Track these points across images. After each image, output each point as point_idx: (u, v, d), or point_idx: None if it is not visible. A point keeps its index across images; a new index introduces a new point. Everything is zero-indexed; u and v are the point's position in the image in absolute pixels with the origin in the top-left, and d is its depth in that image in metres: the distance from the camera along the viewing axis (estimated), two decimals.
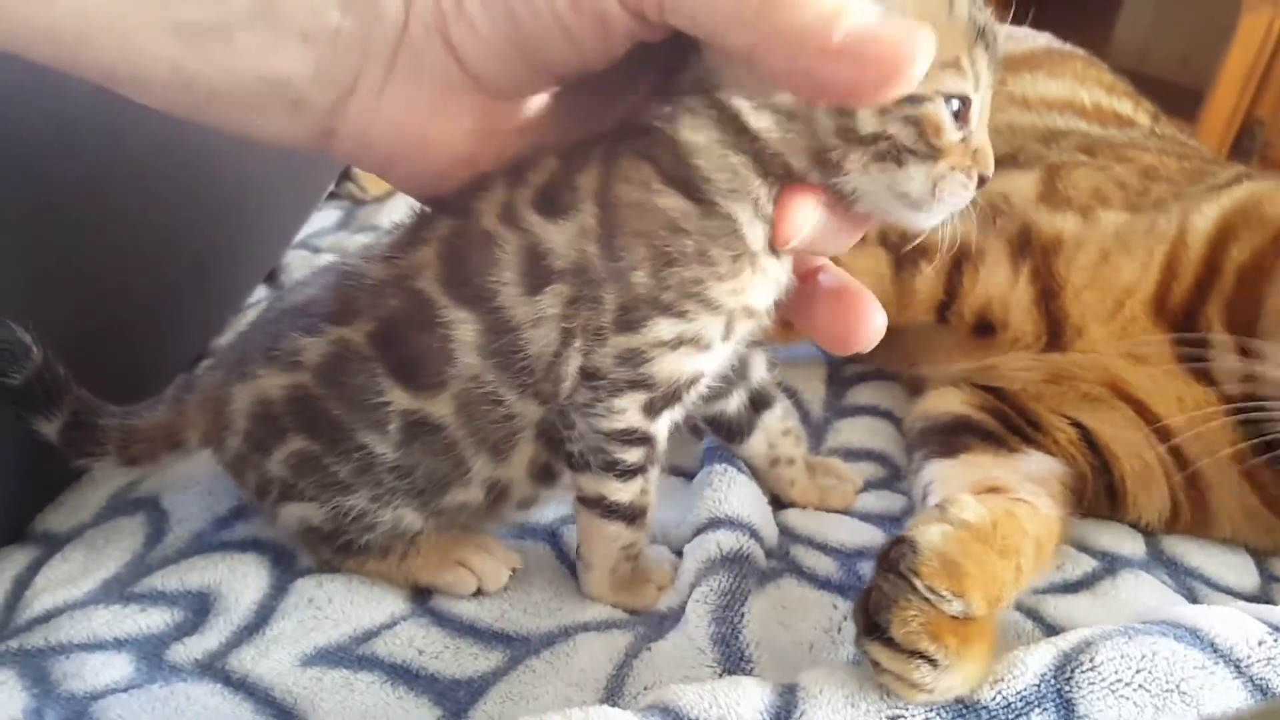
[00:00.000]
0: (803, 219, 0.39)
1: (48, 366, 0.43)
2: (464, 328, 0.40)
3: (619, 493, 0.42)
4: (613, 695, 0.41)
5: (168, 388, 0.56)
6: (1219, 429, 0.53)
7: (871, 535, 0.52)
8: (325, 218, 0.89)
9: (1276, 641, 0.39)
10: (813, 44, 0.33)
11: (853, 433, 0.62)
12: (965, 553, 0.39)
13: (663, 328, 0.39)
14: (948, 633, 0.37)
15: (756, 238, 0.39)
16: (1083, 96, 0.81)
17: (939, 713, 0.37)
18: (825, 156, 0.37)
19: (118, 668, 0.41)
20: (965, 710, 0.37)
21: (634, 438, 0.41)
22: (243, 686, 0.40)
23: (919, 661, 0.37)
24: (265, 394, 0.42)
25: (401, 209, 0.85)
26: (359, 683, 0.41)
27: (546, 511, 0.51)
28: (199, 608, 0.44)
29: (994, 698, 0.37)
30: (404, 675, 0.41)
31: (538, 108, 0.41)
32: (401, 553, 0.45)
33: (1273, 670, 0.38)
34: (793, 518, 0.53)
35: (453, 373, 0.40)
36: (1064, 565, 0.51)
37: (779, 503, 0.54)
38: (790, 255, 0.41)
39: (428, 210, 0.42)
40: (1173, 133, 0.83)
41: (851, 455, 0.60)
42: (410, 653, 0.43)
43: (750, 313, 0.41)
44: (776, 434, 0.53)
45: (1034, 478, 0.52)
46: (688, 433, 0.57)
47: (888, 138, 0.36)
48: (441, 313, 0.40)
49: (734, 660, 0.42)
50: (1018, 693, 0.37)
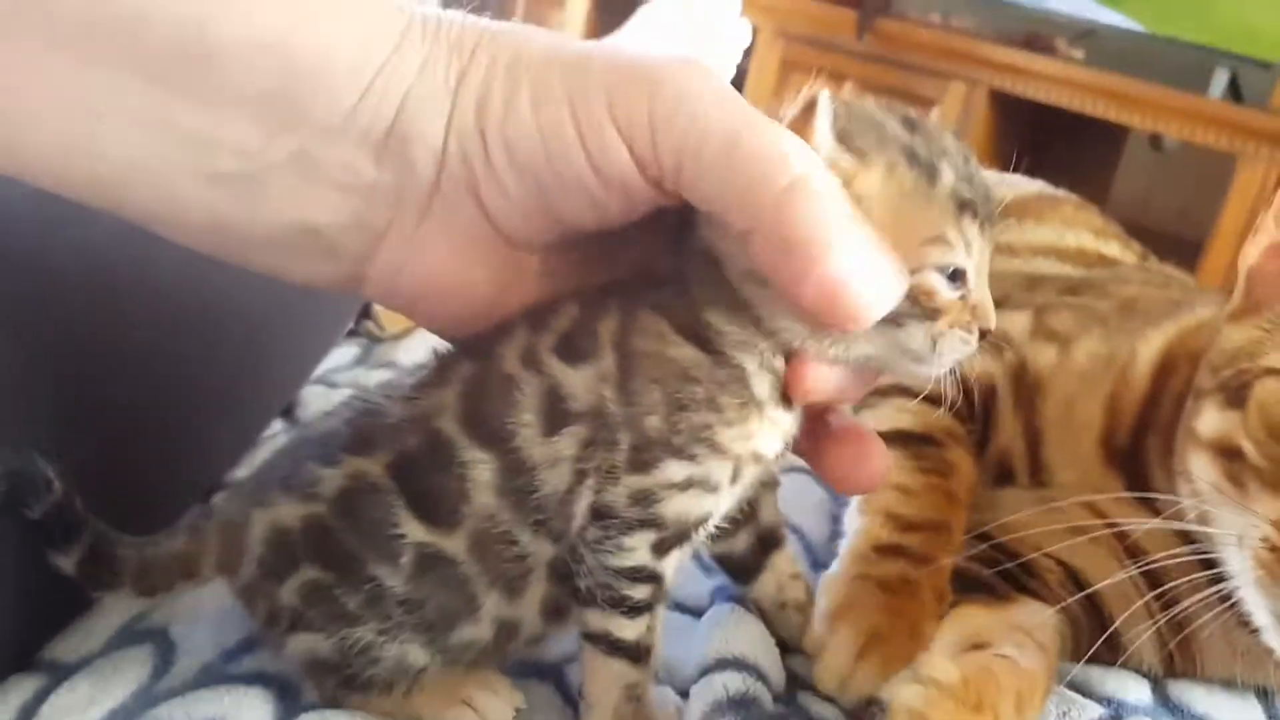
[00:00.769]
0: (818, 375, 0.41)
1: (67, 499, 0.44)
2: (482, 468, 0.41)
3: (625, 630, 0.42)
4: None
5: (181, 519, 0.56)
6: (1186, 565, 0.52)
7: None
8: (343, 354, 0.90)
9: None
10: (793, 267, 0.36)
11: None
12: (938, 709, 0.39)
13: (673, 469, 0.40)
14: None
15: (763, 388, 0.40)
16: (1068, 240, 0.84)
17: None
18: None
19: None
20: None
21: (642, 575, 0.42)
22: None
23: None
24: (282, 522, 0.43)
25: (419, 347, 0.88)
26: None
27: (551, 649, 0.51)
28: None
29: None
30: None
31: (556, 253, 0.43)
32: (406, 689, 0.45)
33: None
34: (802, 664, 0.53)
35: (468, 511, 0.41)
36: (1069, 712, 0.50)
37: (786, 646, 0.54)
38: (801, 406, 0.42)
39: (450, 351, 0.44)
40: (1159, 267, 0.86)
41: None
42: None
43: (757, 459, 0.42)
44: (785, 576, 0.53)
45: (1023, 627, 0.52)
46: (697, 569, 0.58)
47: None
48: (460, 452, 0.41)
49: None
50: None
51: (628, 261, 0.44)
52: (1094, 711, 0.51)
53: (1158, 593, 0.54)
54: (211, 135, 0.38)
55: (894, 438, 0.60)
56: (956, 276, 0.39)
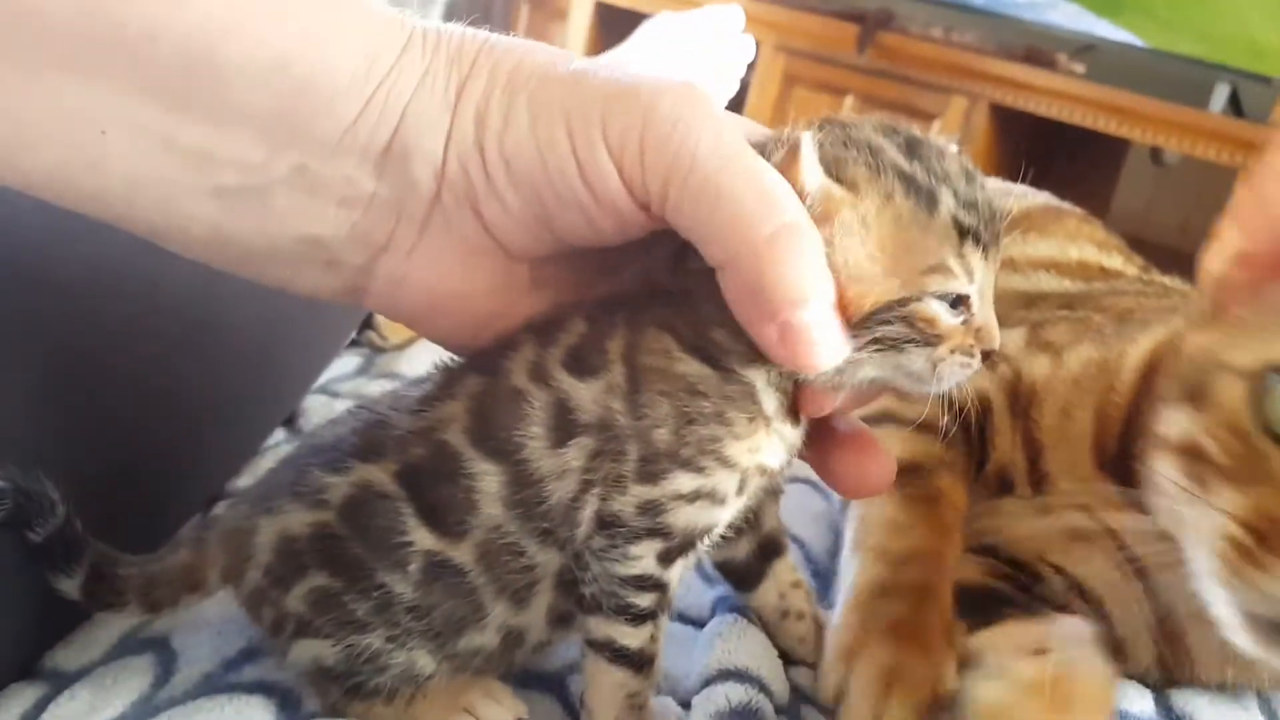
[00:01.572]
0: (825, 397, 0.42)
1: (69, 523, 0.44)
2: (489, 479, 0.41)
3: (629, 637, 0.43)
4: None
5: (181, 529, 0.56)
6: (1173, 567, 0.52)
7: None
8: (345, 364, 0.91)
9: None
10: (760, 310, 0.37)
11: None
12: (1022, 708, 0.38)
13: (682, 481, 0.41)
14: None
15: (771, 404, 0.41)
16: (1071, 253, 0.84)
17: None
18: None
19: None
20: None
21: (648, 583, 0.42)
22: None
23: None
24: (290, 529, 0.43)
25: (420, 357, 0.88)
26: None
27: (554, 658, 0.51)
28: None
29: None
30: None
31: (557, 264, 0.43)
32: (409, 697, 0.45)
33: None
34: (804, 676, 0.53)
35: (475, 522, 0.41)
36: None
37: (788, 658, 0.54)
38: (806, 421, 0.43)
39: (456, 363, 0.44)
40: (1160, 279, 0.85)
41: None
42: None
43: (764, 471, 0.43)
44: (786, 585, 0.53)
45: (1075, 636, 0.51)
46: (699, 580, 0.58)
47: (880, 337, 0.39)
48: (467, 464, 0.41)
49: None
50: None
51: (629, 274, 0.44)
52: None
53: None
54: (215, 151, 0.38)
55: None
56: (959, 303, 0.39)
